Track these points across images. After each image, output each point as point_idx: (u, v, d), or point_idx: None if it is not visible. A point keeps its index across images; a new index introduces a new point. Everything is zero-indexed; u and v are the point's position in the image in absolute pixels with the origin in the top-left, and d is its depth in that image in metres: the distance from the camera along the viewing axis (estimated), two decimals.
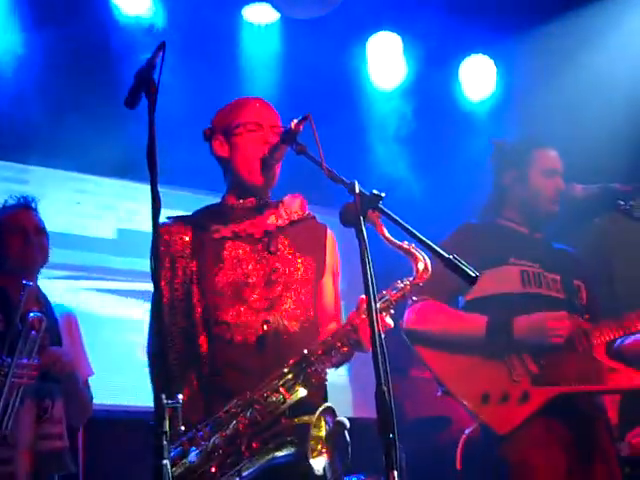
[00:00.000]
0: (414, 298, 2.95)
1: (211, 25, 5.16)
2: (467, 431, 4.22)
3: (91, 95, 4.98)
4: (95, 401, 3.52)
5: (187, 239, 2.53)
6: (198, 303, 2.45)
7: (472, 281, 2.12)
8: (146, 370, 2.45)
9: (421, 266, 2.35)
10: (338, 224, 2.14)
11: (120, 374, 5.20)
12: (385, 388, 1.83)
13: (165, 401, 1.75)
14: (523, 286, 2.99)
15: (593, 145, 4.64)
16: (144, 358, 2.51)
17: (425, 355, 3.00)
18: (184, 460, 2.23)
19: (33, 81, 4.94)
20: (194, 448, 2.24)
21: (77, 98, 5.04)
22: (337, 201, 2.14)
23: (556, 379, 2.83)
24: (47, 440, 3.19)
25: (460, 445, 4.36)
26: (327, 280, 2.64)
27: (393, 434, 1.82)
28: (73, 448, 3.52)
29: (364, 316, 2.20)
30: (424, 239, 2.11)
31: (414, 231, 2.12)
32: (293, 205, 2.63)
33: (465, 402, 2.88)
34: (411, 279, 2.35)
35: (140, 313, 5.06)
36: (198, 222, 2.59)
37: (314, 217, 2.68)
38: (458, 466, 4.33)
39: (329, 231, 2.69)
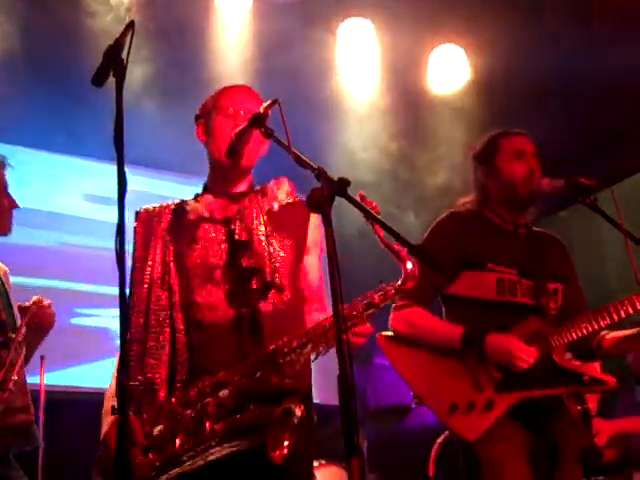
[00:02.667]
0: (401, 303, 3.06)
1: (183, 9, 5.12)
2: (439, 440, 4.31)
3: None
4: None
5: (165, 223, 2.55)
6: (174, 283, 2.45)
7: (438, 270, 2.17)
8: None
9: (406, 273, 2.31)
10: None
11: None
12: (347, 375, 1.84)
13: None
14: (497, 294, 3.04)
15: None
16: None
17: (401, 366, 3.11)
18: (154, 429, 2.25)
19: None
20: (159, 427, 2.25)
21: None
22: (305, 187, 2.14)
23: (518, 383, 2.91)
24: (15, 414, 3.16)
25: (433, 454, 4.45)
26: (311, 259, 2.64)
27: (354, 421, 1.82)
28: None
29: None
30: (389, 226, 2.11)
31: (379, 218, 2.11)
32: (278, 190, 2.63)
33: (436, 413, 2.98)
34: (397, 284, 2.28)
35: None
36: (178, 207, 2.61)
37: (301, 200, 2.61)
38: (430, 472, 4.43)
39: (313, 216, 2.65)
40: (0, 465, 3.12)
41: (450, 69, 5.83)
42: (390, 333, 3.14)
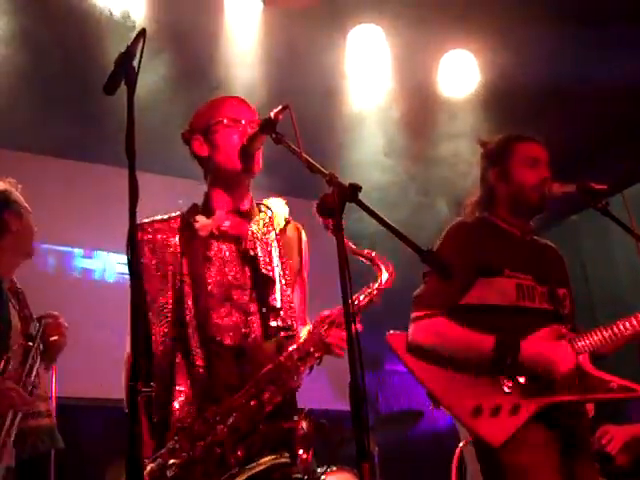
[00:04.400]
0: (422, 313, 2.97)
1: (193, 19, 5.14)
2: (461, 444, 4.27)
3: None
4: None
5: (175, 240, 2.53)
6: (187, 302, 2.44)
7: (448, 277, 2.16)
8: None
9: (385, 275, 2.44)
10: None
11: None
12: (358, 381, 1.84)
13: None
14: (517, 300, 3.00)
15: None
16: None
17: (417, 369, 2.99)
18: (166, 473, 2.22)
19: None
20: (173, 461, 2.23)
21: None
22: (316, 193, 2.15)
23: (544, 389, 2.87)
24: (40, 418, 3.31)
25: (455, 458, 4.40)
26: (300, 281, 2.67)
27: (366, 427, 1.82)
28: None
29: (326, 327, 2.34)
30: (400, 232, 2.11)
31: (391, 223, 2.12)
32: (279, 210, 2.64)
33: (458, 416, 2.89)
34: (377, 285, 2.43)
35: None
36: (183, 221, 2.58)
37: (290, 220, 2.69)
38: (453, 478, 4.38)
39: (303, 233, 2.72)
40: (29, 465, 3.24)
41: (460, 74, 5.83)
42: (400, 333, 3.04)
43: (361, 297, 2.41)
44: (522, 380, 2.89)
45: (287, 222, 2.66)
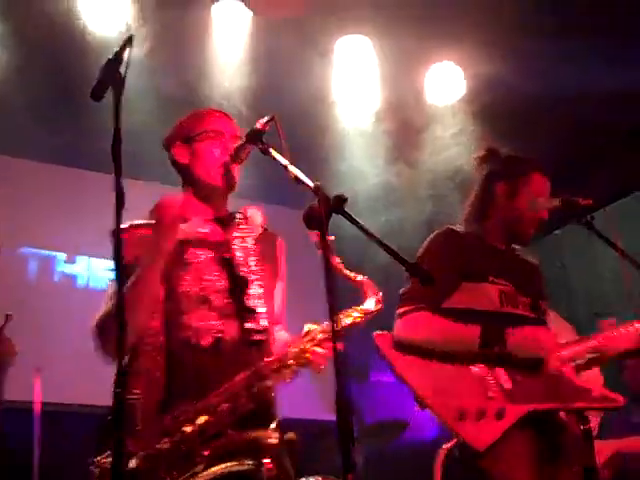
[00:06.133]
0: (407, 308, 2.98)
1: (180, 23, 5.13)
2: (445, 446, 4.24)
3: None
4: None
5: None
6: (163, 304, 2.42)
7: (430, 284, 2.18)
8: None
9: (371, 302, 2.45)
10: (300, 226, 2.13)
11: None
12: (344, 391, 1.84)
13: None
14: (501, 305, 3.02)
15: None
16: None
17: (402, 368, 2.98)
18: (129, 462, 2.19)
19: None
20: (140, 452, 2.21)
21: None
22: (302, 203, 2.14)
23: (529, 396, 2.88)
24: None
25: (439, 461, 4.38)
26: (279, 286, 2.69)
27: (351, 437, 1.82)
28: None
29: (309, 343, 2.35)
30: (385, 243, 2.12)
31: (375, 235, 2.12)
32: (256, 219, 2.64)
33: (442, 418, 2.88)
34: (362, 311, 2.44)
35: None
36: None
37: (266, 228, 2.70)
38: None
39: (279, 239, 2.76)
40: None
41: (447, 84, 5.85)
42: (386, 333, 3.03)
43: (347, 320, 2.41)
44: (507, 385, 2.89)
45: (264, 229, 2.67)
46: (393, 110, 5.91)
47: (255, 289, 2.49)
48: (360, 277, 2.48)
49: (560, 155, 5.32)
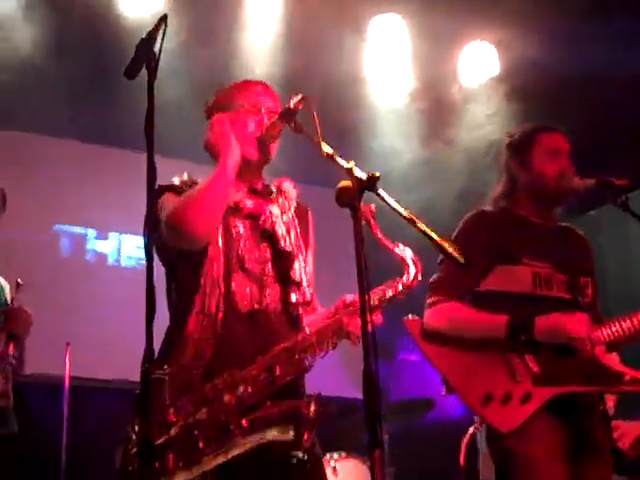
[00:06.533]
0: (437, 298, 3.00)
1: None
2: (471, 429, 4.26)
3: None
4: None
5: None
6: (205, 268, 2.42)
7: (462, 267, 2.16)
8: None
9: (412, 273, 2.42)
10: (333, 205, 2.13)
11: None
12: (372, 369, 1.85)
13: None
14: (534, 288, 3.00)
15: None
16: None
17: (432, 355, 3.02)
18: (169, 431, 2.22)
19: None
20: (177, 421, 2.23)
21: None
22: (335, 181, 2.15)
23: (556, 378, 2.87)
24: None
25: (464, 443, 4.40)
26: (309, 258, 2.68)
27: (378, 414, 1.83)
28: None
29: (348, 314, 2.35)
30: (419, 224, 2.11)
31: (409, 215, 2.12)
32: (290, 192, 2.65)
33: (469, 402, 2.91)
34: (403, 282, 2.42)
35: None
36: None
37: (298, 201, 2.71)
38: (462, 462, 4.38)
39: (310, 212, 2.75)
40: None
41: (481, 64, 5.81)
42: (417, 319, 3.07)
43: (388, 292, 2.40)
44: (535, 368, 2.89)
45: (297, 203, 2.68)
46: (427, 89, 5.88)
47: (299, 262, 2.51)
48: (401, 248, 2.45)
49: (593, 135, 5.26)
